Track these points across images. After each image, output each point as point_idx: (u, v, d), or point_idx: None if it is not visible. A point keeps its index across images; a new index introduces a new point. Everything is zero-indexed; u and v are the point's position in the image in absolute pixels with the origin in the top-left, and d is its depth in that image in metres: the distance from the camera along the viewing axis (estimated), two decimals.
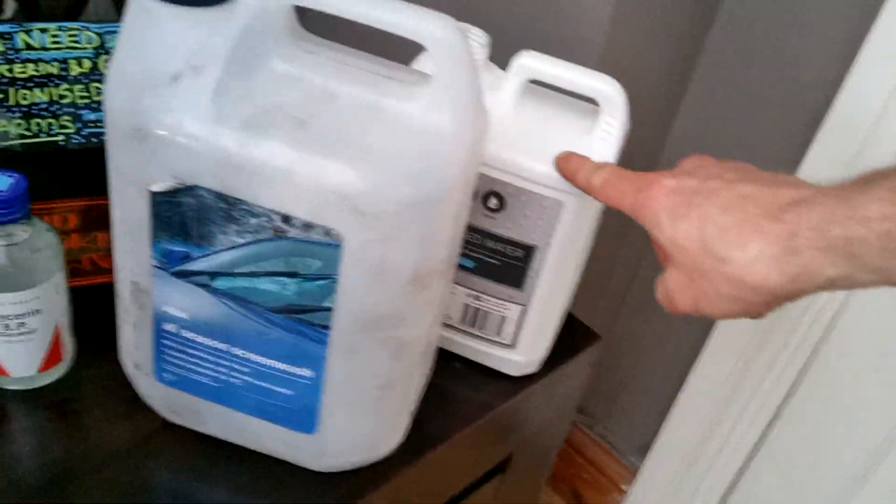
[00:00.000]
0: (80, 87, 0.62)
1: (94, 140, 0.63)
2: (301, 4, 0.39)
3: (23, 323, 0.49)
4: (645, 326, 0.95)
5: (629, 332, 0.96)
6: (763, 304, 0.37)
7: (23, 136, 0.61)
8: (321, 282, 0.42)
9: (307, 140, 0.39)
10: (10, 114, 0.61)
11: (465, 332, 0.59)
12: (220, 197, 0.40)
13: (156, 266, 0.44)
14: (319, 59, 0.42)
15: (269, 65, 0.40)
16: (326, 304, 0.43)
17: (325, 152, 0.39)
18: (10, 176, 0.47)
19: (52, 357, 0.52)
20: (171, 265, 0.44)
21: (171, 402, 0.50)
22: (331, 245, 0.40)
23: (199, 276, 0.44)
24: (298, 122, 0.39)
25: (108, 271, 0.61)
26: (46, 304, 0.50)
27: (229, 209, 0.41)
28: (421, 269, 0.43)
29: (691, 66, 0.82)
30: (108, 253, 0.63)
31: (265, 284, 0.43)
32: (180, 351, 0.47)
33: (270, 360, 0.46)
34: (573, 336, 0.65)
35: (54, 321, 0.51)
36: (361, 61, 0.42)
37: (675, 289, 0.41)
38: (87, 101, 0.63)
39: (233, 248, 0.42)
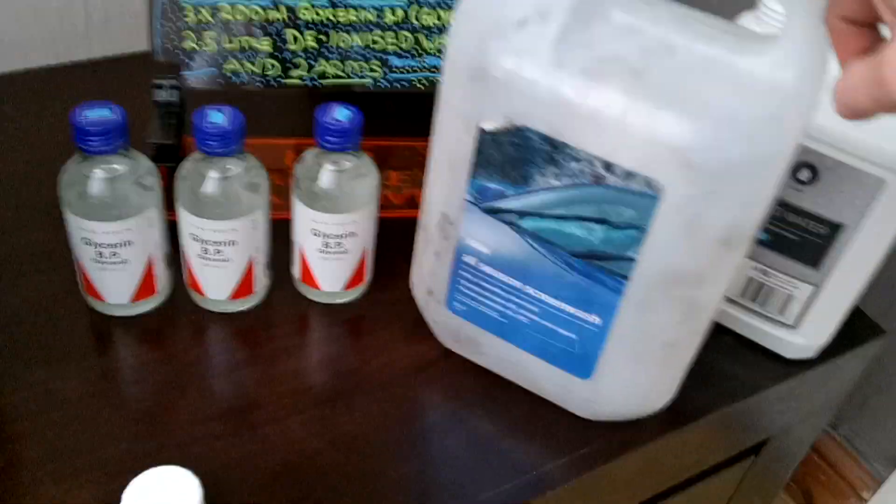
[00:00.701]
0: (391, 34, 0.67)
1: (397, 85, 0.68)
2: None
3: (340, 243, 0.54)
4: None
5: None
6: None
7: (337, 77, 0.67)
8: (630, 231, 0.43)
9: (643, 90, 0.39)
10: (329, 54, 0.66)
11: (742, 306, 0.57)
12: (547, 140, 0.42)
13: (468, 200, 0.47)
14: (659, 12, 0.42)
15: (610, 15, 0.41)
16: (630, 255, 0.43)
17: (660, 103, 0.39)
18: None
19: (356, 277, 0.57)
20: (484, 201, 0.46)
21: (455, 331, 0.54)
22: (648, 196, 0.41)
23: (509, 214, 0.46)
24: (635, 72, 0.40)
25: (399, 207, 0.66)
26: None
27: (553, 152, 0.42)
28: (733, 231, 0.42)
29: None
30: (397, 190, 0.68)
31: (572, 228, 0.44)
32: (475, 283, 0.50)
33: (561, 303, 0.47)
34: (854, 326, 0.61)
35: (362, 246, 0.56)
36: (700, 16, 0.42)
37: None
38: (395, 47, 0.67)
39: (548, 189, 0.44)
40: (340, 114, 0.51)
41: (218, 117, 0.49)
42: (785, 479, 0.77)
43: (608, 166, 0.41)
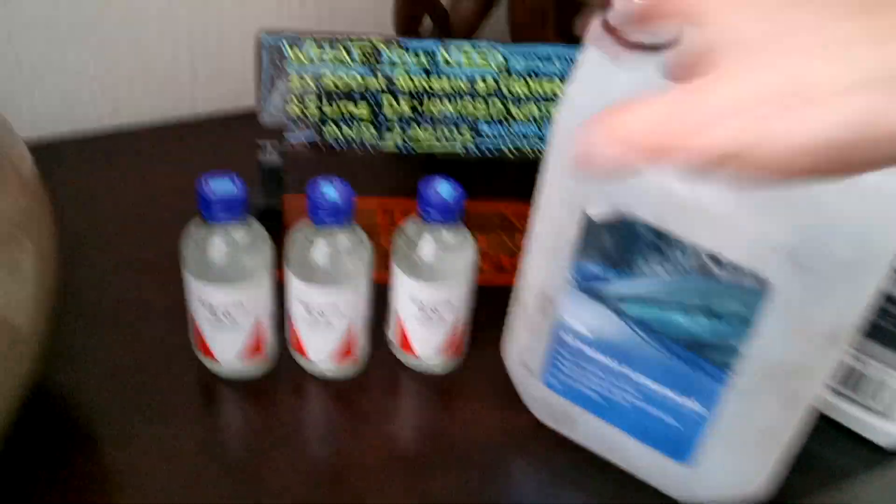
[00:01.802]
0: (482, 102, 0.69)
1: (486, 151, 0.70)
2: None
3: (437, 312, 0.56)
4: None
5: None
6: None
7: (429, 142, 0.69)
8: (735, 323, 0.43)
9: None
10: (422, 120, 0.69)
11: (836, 391, 0.57)
12: (653, 230, 0.43)
13: (570, 281, 0.48)
14: None
15: None
16: (734, 345, 0.44)
17: (772, 201, 0.40)
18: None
19: (451, 345, 0.59)
20: (587, 283, 0.47)
21: (549, 406, 0.54)
22: (756, 291, 0.41)
23: (611, 299, 0.47)
24: None
25: (487, 272, 0.68)
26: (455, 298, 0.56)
27: (659, 242, 0.43)
28: (838, 327, 0.42)
29: None
30: (484, 255, 0.69)
31: (676, 316, 0.45)
32: (573, 361, 0.51)
33: (662, 388, 0.48)
34: None
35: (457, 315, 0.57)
36: None
37: None
38: (485, 115, 0.69)
39: (653, 277, 0.44)
40: (444, 189, 0.53)
41: (330, 190, 0.52)
42: None
43: (715, 259, 0.42)
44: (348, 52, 0.66)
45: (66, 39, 0.77)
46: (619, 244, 0.45)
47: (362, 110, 0.67)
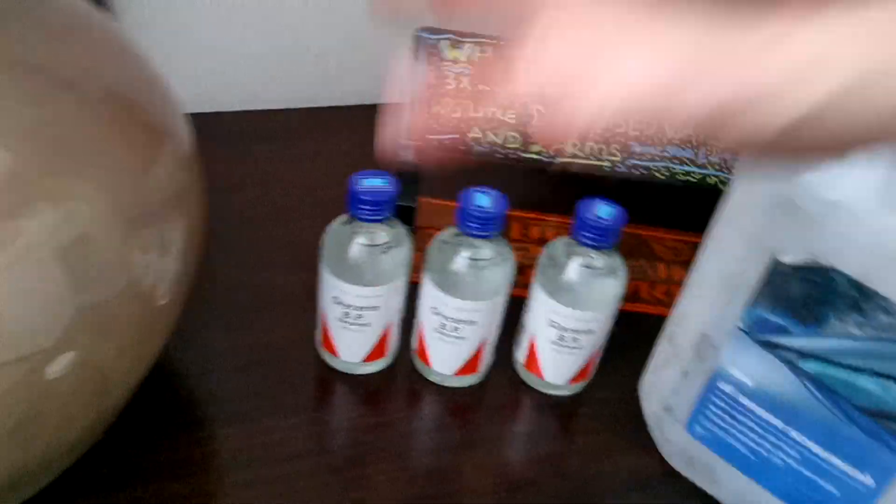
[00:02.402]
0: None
1: (635, 172, 0.66)
2: None
3: (576, 339, 0.53)
4: None
5: None
6: None
7: (575, 156, 0.66)
8: None
9: None
10: None
11: None
12: (855, 285, 0.39)
13: (739, 328, 0.44)
14: None
15: None
16: None
17: None
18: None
19: (582, 373, 0.55)
20: (760, 333, 0.43)
21: (687, 454, 0.51)
22: None
23: (788, 352, 0.43)
24: None
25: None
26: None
27: (859, 299, 0.39)
28: None
29: None
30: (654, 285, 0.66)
31: (865, 382, 0.41)
32: (727, 412, 0.47)
33: (831, 455, 0.43)
34: None
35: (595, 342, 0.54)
36: None
37: None
38: (637, 134, 0.66)
39: (845, 337, 0.40)
40: (604, 211, 0.50)
41: (485, 201, 0.49)
42: None
43: None
44: None
45: (234, 19, 0.77)
46: (810, 297, 0.41)
47: (510, 117, 0.65)
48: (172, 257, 0.42)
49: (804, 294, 0.41)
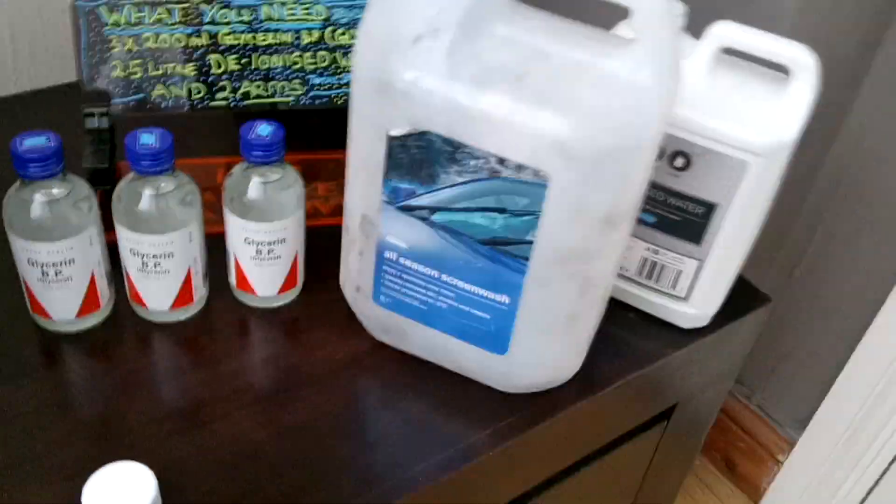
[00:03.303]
0: (309, 54, 0.72)
1: (317, 102, 0.73)
2: None
3: (272, 250, 0.59)
4: (813, 295, 0.96)
5: (795, 301, 0.97)
6: None
7: (259, 97, 0.72)
8: (526, 217, 0.49)
9: (524, 93, 0.45)
10: (252, 76, 0.71)
11: (640, 284, 0.64)
12: (447, 141, 0.48)
13: (384, 201, 0.52)
14: (534, 24, 0.48)
15: (493, 29, 0.47)
16: (528, 238, 0.49)
17: (540, 103, 0.45)
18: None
19: (289, 281, 0.62)
20: (398, 200, 0.52)
21: (383, 323, 0.59)
22: (538, 185, 0.47)
23: (421, 211, 0.51)
24: (517, 77, 0.46)
25: (327, 216, 0.71)
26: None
27: (453, 152, 0.48)
28: (613, 211, 0.48)
29: (884, 27, 0.82)
30: (325, 200, 0.73)
31: (477, 219, 0.50)
32: (397, 276, 0.55)
33: (474, 287, 0.53)
34: (744, 296, 0.68)
35: (294, 251, 0.61)
36: (570, 26, 0.48)
37: None
38: (313, 66, 0.72)
39: (453, 186, 0.49)
40: (263, 129, 0.56)
41: (149, 138, 0.54)
42: (699, 444, 0.84)
43: (502, 161, 0.47)
44: (169, 13, 0.68)
45: None
46: (421, 160, 0.49)
47: (189, 70, 0.69)
48: None
49: (417, 159, 0.49)
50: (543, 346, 0.55)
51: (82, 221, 0.54)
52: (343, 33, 0.72)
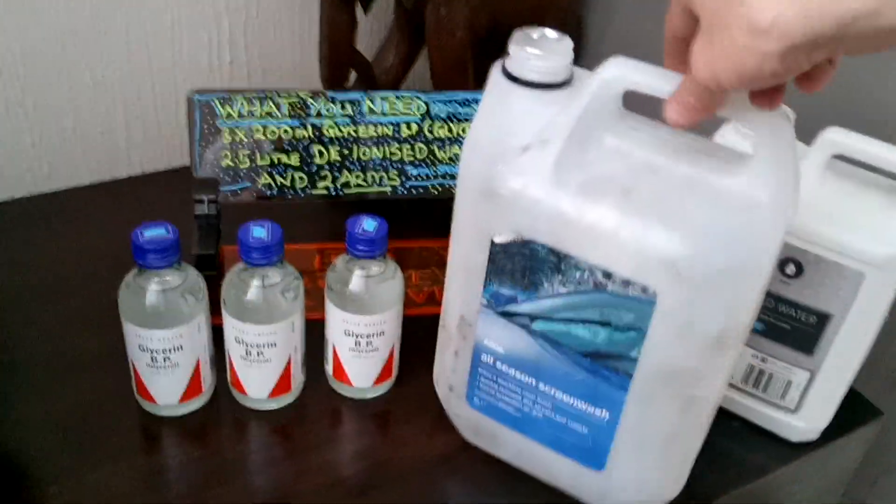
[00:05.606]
0: (408, 146, 0.73)
1: (413, 192, 0.74)
2: (631, 89, 0.45)
3: (370, 342, 0.59)
4: None
5: None
6: (776, 54, 0.35)
7: (359, 186, 0.73)
8: (630, 333, 0.47)
9: (632, 206, 0.45)
10: (351, 166, 0.73)
11: (747, 392, 0.61)
12: (552, 251, 0.47)
13: (484, 304, 0.52)
14: (643, 136, 0.47)
15: (602, 140, 0.47)
16: (632, 354, 0.48)
17: (649, 218, 0.44)
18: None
19: (385, 373, 0.62)
20: (498, 305, 0.51)
21: (474, 425, 0.58)
22: (645, 301, 0.45)
23: (521, 318, 0.51)
24: (625, 190, 0.45)
25: (420, 304, 0.71)
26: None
27: (558, 262, 0.47)
28: (724, 332, 0.46)
29: None
30: (418, 289, 0.73)
31: (579, 330, 0.49)
32: (492, 380, 0.54)
33: (572, 399, 0.51)
34: (853, 408, 0.64)
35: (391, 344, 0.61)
36: (680, 138, 0.47)
37: (696, 52, 0.38)
38: (411, 158, 0.74)
39: (555, 296, 0.48)
40: (369, 224, 0.57)
41: (260, 232, 0.55)
42: None
43: (607, 274, 0.46)
44: (277, 107, 0.70)
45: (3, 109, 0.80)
46: (523, 268, 0.49)
47: (293, 159, 0.71)
48: None
49: (520, 266, 0.49)
50: (644, 465, 0.52)
51: (193, 309, 0.56)
52: (441, 126, 0.74)
